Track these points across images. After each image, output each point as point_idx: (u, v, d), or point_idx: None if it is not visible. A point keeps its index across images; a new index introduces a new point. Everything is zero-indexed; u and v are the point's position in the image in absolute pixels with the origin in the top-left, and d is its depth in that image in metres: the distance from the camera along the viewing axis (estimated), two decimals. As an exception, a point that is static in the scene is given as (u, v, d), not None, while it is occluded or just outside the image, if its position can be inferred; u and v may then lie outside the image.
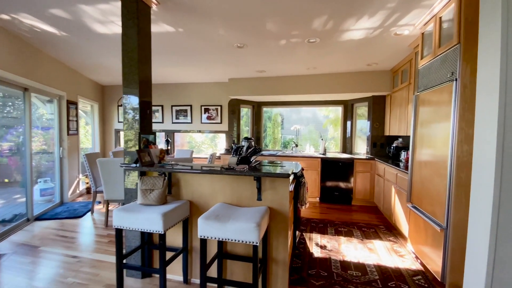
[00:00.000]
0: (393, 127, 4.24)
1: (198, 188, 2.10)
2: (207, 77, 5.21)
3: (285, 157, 4.71)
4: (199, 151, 6.97)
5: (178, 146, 6.57)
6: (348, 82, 4.56)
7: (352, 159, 4.42)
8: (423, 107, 2.41)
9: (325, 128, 8.27)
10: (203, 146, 7.63)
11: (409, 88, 3.56)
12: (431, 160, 2.20)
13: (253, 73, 4.68)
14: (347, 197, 4.48)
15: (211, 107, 5.68)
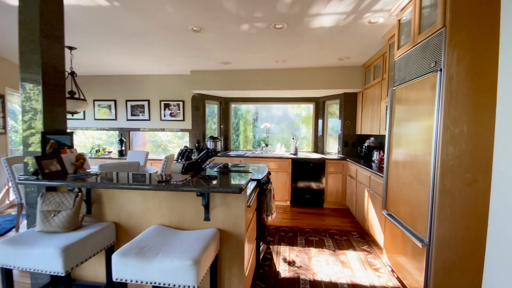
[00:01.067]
0: (365, 126, 4.03)
1: (127, 206, 1.59)
2: (166, 69, 4.61)
3: (254, 158, 4.31)
4: (165, 151, 6.29)
5: (140, 145, 5.87)
6: (320, 78, 4.28)
7: (324, 160, 4.15)
8: (400, 103, 2.13)
9: (297, 127, 8.05)
10: (170, 146, 6.96)
11: (381, 84, 3.34)
12: (410, 164, 1.92)
13: (217, 65, 4.19)
14: (318, 199, 4.20)
15: (172, 103, 5.09)
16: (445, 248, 1.64)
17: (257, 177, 2.22)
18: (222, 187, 1.33)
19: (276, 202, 4.31)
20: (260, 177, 2.20)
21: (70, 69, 3.62)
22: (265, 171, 2.60)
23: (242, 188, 1.33)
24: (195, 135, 5.01)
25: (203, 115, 4.99)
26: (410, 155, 1.92)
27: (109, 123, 5.36)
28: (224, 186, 1.34)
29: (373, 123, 3.64)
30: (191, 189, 1.34)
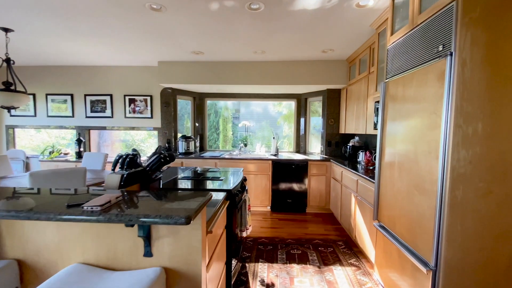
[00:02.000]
0: (349, 125, 3.76)
1: (35, 237, 1.12)
2: (130, 59, 4.05)
3: (230, 160, 3.90)
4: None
5: (108, 145, 5.22)
6: (302, 73, 3.94)
7: (306, 161, 3.83)
8: (395, 97, 1.82)
9: (279, 125, 7.72)
10: (143, 145, 6.34)
11: (368, 79, 3.06)
12: (409, 170, 1.61)
13: (188, 55, 3.71)
14: (301, 204, 3.88)
15: (138, 98, 4.52)
16: (455, 274, 1.33)
17: (227, 187, 1.81)
18: (160, 216, 0.90)
19: (256, 208, 3.94)
20: (232, 187, 1.80)
21: (6, 56, 2.98)
22: (239, 178, 2.20)
23: (191, 217, 0.90)
24: (165, 134, 4.49)
25: (174, 111, 4.48)
26: (410, 159, 1.61)
27: (65, 120, 4.69)
28: (163, 214, 0.91)
29: (359, 121, 3.36)
30: (111, 219, 0.89)
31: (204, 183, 1.99)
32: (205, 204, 1.05)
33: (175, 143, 4.48)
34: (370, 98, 2.97)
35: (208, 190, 1.77)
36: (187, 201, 1.07)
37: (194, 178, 2.12)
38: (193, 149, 4.40)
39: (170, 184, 1.93)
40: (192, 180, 2.08)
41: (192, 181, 2.05)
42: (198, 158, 3.92)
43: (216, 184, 1.96)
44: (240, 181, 2.15)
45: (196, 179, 2.11)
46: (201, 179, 2.11)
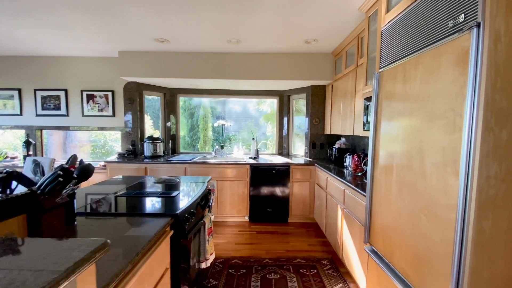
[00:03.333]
0: (335, 125, 3.39)
1: None
2: (87, 48, 3.47)
3: (203, 164, 3.42)
4: (108, 154, 4.98)
5: (76, 147, 4.57)
6: (283, 67, 3.53)
7: (289, 165, 3.43)
8: (392, 91, 1.43)
9: (261, 125, 7.30)
10: (117, 146, 5.70)
11: (356, 73, 2.68)
12: (414, 187, 1.22)
13: (151, 43, 3.20)
14: (282, 213, 3.47)
15: (97, 93, 3.95)
16: (483, 338, 0.95)
17: (174, 210, 1.35)
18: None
19: (232, 219, 3.49)
20: (180, 210, 1.34)
21: None
22: (199, 192, 1.74)
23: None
24: (129, 135, 3.95)
25: (140, 109, 3.94)
26: (414, 173, 1.22)
27: (11, 119, 4.03)
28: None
29: (345, 121, 2.99)
30: None
31: (145, 203, 1.52)
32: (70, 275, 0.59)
33: (141, 145, 3.95)
34: (359, 95, 2.60)
35: (143, 216, 1.30)
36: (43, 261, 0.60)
37: (135, 195, 1.64)
38: (161, 152, 3.89)
39: (97, 205, 1.45)
40: (133, 197, 1.61)
41: (130, 200, 1.57)
42: (165, 163, 3.42)
43: (161, 204, 1.49)
44: (199, 197, 1.69)
45: (139, 196, 1.63)
46: (146, 195, 1.63)
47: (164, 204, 1.48)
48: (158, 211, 1.34)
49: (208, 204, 1.86)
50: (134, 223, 1.19)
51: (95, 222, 1.22)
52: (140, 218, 1.25)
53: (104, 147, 5.18)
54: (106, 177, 3.49)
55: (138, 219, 1.23)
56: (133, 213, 1.31)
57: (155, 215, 1.29)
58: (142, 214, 1.30)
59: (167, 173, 3.40)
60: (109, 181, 2.09)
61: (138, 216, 1.27)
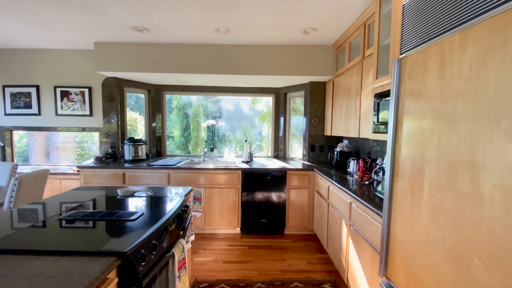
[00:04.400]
0: (337, 125, 3.04)
1: None
2: (60, 39, 3.08)
3: (189, 170, 3.04)
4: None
5: (59, 149, 4.16)
6: (279, 61, 3.16)
7: (285, 170, 3.07)
8: (423, 80, 1.07)
9: (257, 125, 6.95)
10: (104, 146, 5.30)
11: (362, 67, 2.34)
12: (462, 215, 0.87)
13: (129, 33, 2.81)
14: (278, 224, 3.11)
15: (72, 90, 3.55)
16: None
17: (122, 247, 0.97)
18: None
19: (222, 230, 3.12)
20: (131, 247, 0.97)
21: None
22: (170, 212, 1.37)
23: None
24: (108, 136, 3.55)
25: (120, 107, 3.55)
26: (461, 196, 0.86)
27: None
28: None
29: (349, 121, 2.64)
30: None
31: (90, 232, 1.15)
32: None
33: (122, 148, 3.56)
34: (366, 91, 2.25)
35: (75, 255, 0.93)
36: None
37: (84, 218, 1.26)
38: (144, 155, 3.50)
39: (12, 240, 1.07)
40: (80, 220, 1.23)
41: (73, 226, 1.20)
42: (146, 169, 3.03)
43: (111, 234, 1.12)
44: (170, 218, 1.32)
45: (88, 218, 1.26)
46: (97, 218, 1.25)
47: (115, 233, 1.10)
48: (100, 247, 0.97)
49: (183, 225, 1.49)
50: (58, 269, 0.82)
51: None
52: (69, 259, 0.88)
53: (92, 148, 4.77)
54: (79, 184, 3.09)
55: (64, 262, 0.86)
56: (65, 251, 0.93)
57: (94, 253, 0.91)
58: (74, 253, 0.92)
59: (147, 180, 3.02)
60: (63, 195, 1.70)
61: (69, 256, 0.90)
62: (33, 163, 3.85)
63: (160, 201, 1.60)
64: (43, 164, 3.80)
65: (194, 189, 3.03)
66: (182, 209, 1.52)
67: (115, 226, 1.17)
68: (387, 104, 1.73)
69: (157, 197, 1.69)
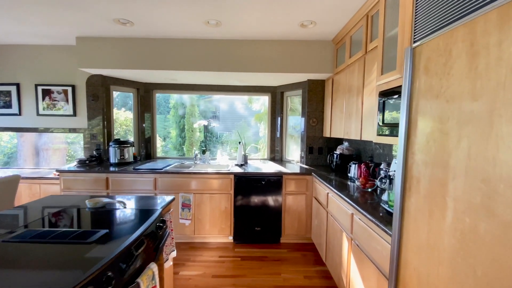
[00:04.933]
0: (336, 126, 2.83)
1: None
2: (41, 34, 2.85)
3: (177, 174, 2.82)
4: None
5: (49, 150, 3.93)
6: (274, 57, 2.95)
7: (281, 174, 2.85)
8: (445, 73, 0.86)
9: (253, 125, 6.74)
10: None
11: (364, 62, 2.13)
12: (504, 252, 0.65)
13: (112, 26, 2.60)
14: (274, 232, 2.90)
15: (55, 88, 3.33)
16: None
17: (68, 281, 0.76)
18: None
19: (213, 239, 2.91)
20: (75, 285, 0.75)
21: None
22: (140, 230, 1.15)
23: None
24: (93, 138, 3.33)
25: (106, 107, 3.34)
26: (504, 226, 0.65)
27: (-48, 119, 3.39)
28: None
29: (350, 123, 2.43)
30: None
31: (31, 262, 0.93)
32: None
33: (108, 150, 3.34)
34: (369, 89, 2.04)
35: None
36: None
37: (31, 240, 1.05)
38: (131, 158, 3.28)
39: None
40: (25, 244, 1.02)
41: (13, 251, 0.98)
42: (131, 173, 2.81)
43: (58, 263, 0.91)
44: (138, 237, 1.10)
45: (37, 241, 1.04)
46: (48, 240, 1.04)
47: (63, 262, 0.89)
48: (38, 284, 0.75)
49: (158, 245, 1.28)
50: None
51: None
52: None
53: (78, 150, 4.52)
54: (58, 189, 2.88)
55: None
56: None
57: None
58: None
59: (132, 185, 2.80)
60: (26, 206, 1.49)
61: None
62: (19, 166, 3.61)
63: (132, 215, 1.38)
64: (25, 168, 3.58)
65: (183, 195, 2.82)
66: (156, 226, 1.30)
67: (65, 252, 0.96)
68: (393, 103, 1.52)
69: (130, 209, 1.47)
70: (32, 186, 2.98)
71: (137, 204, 1.58)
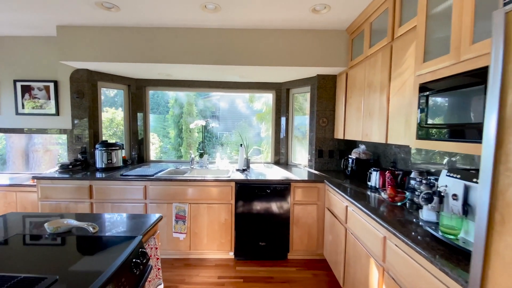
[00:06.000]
0: (352, 127, 2.48)
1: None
2: (17, 22, 2.51)
3: (169, 181, 2.47)
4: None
5: (39, 151, 3.58)
6: (279, 48, 2.61)
7: (288, 182, 2.51)
8: None
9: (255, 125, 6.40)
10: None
11: (391, 51, 1.79)
12: None
13: (95, 12, 2.25)
14: (280, 247, 2.55)
15: (35, 84, 2.98)
16: None
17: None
18: None
19: (211, 255, 2.57)
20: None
21: None
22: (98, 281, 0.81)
23: None
24: (78, 139, 2.99)
25: (92, 105, 2.99)
26: None
27: None
28: None
29: (370, 123, 2.08)
30: None
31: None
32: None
33: (91, 150, 2.99)
34: (397, 83, 1.70)
35: None
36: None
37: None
38: (120, 162, 2.94)
39: None
40: None
41: None
42: (117, 180, 2.46)
43: None
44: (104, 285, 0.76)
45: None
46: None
47: None
48: None
49: (137, 284, 0.93)
50: None
51: None
52: None
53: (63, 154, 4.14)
54: (35, 198, 2.53)
55: None
56: None
57: None
58: None
59: (119, 194, 2.46)
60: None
61: None
62: (7, 170, 3.27)
63: (103, 245, 1.04)
64: (9, 173, 3.23)
65: (177, 206, 2.47)
66: (132, 263, 0.96)
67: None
68: (441, 99, 1.17)
69: (99, 237, 1.12)
70: (8, 194, 2.63)
71: (112, 227, 1.24)
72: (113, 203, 2.47)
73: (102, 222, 1.32)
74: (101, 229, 1.22)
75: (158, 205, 2.48)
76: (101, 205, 2.46)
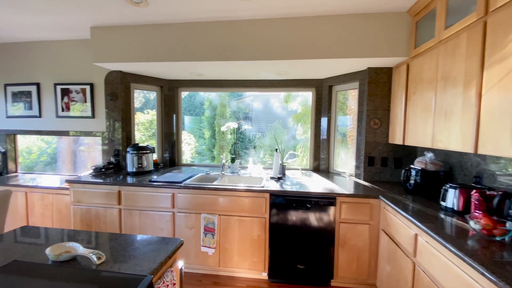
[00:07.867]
0: (416, 131, 1.99)
1: None
2: (55, 27, 2.54)
3: (198, 190, 2.26)
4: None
5: (84, 151, 3.78)
6: (324, 38, 2.22)
7: (334, 196, 2.11)
8: None
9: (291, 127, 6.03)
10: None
11: (484, 29, 1.31)
12: None
13: (125, 9, 2.12)
14: (322, 271, 2.17)
15: (73, 88, 3.02)
16: None
17: None
18: None
19: (242, 274, 2.29)
20: None
21: None
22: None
23: None
24: (111, 142, 2.95)
25: (125, 107, 2.93)
26: None
27: (-19, 121, 3.29)
28: None
29: (448, 125, 1.60)
30: None
31: None
32: None
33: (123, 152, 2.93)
34: (495, 71, 1.22)
35: None
36: None
37: None
38: (151, 166, 2.83)
39: None
40: None
41: None
42: (146, 186, 2.32)
43: None
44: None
45: None
46: None
47: None
48: None
49: None
50: None
51: None
52: None
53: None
54: (68, 201, 2.52)
55: None
56: None
57: None
58: None
59: (147, 202, 2.31)
60: None
61: None
62: (58, 170, 3.43)
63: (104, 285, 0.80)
64: (60, 174, 3.36)
65: (206, 217, 2.24)
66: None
67: None
68: None
69: (101, 275, 0.89)
70: (45, 197, 2.67)
71: (122, 254, 1.01)
72: (141, 210, 2.33)
73: (113, 246, 1.11)
74: (108, 257, 1.00)
75: (186, 215, 2.28)
76: (129, 212, 2.35)
